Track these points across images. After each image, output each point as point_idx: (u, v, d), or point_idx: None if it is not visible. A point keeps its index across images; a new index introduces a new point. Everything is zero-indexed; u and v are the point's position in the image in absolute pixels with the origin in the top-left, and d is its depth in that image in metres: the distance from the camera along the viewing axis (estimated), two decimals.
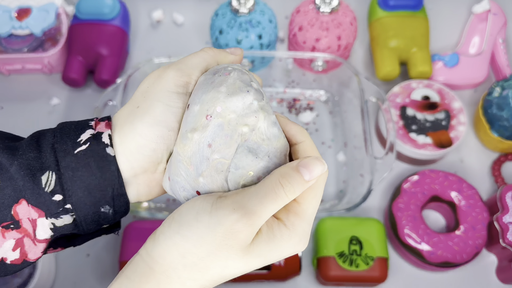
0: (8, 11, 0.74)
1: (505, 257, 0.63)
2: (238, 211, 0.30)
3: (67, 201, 0.33)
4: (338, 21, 0.71)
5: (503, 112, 0.67)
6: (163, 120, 0.33)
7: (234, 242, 0.30)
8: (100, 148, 0.33)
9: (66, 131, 0.34)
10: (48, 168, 0.33)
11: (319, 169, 0.31)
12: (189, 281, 0.31)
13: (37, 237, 0.33)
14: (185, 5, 0.84)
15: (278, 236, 0.31)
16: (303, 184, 0.31)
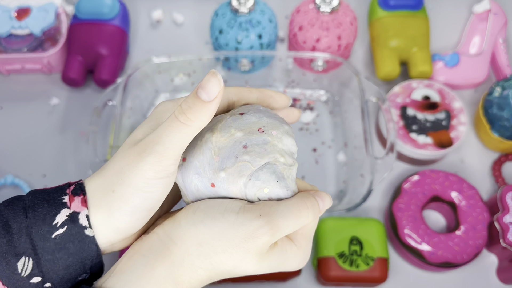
0: (8, 11, 0.74)
1: (505, 257, 0.63)
2: (263, 218, 0.31)
3: (47, 281, 0.32)
4: (338, 21, 0.71)
5: (504, 112, 0.67)
6: (142, 207, 0.32)
7: (252, 246, 0.31)
8: (79, 231, 0.32)
9: (38, 211, 0.32)
10: (23, 254, 0.31)
11: (329, 202, 0.35)
12: (200, 270, 0.32)
13: None
14: (185, 5, 0.84)
15: (289, 252, 0.33)
16: (319, 212, 0.34)
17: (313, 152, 0.72)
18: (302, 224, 0.33)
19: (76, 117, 0.74)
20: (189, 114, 0.30)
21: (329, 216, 0.63)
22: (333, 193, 0.69)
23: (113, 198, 0.32)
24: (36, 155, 0.71)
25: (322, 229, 0.62)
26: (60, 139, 0.73)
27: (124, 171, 0.32)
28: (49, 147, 0.72)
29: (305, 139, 0.73)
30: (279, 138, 0.34)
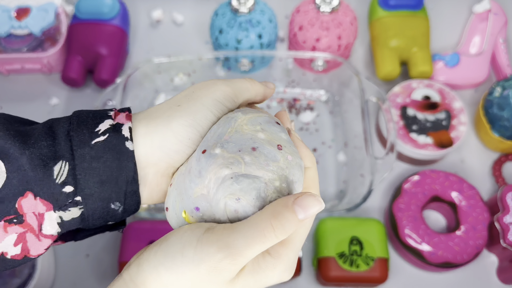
0: (8, 11, 0.74)
1: (505, 257, 0.63)
2: (222, 251, 0.28)
3: (78, 193, 0.31)
4: (339, 20, 0.71)
5: (504, 112, 0.67)
6: (201, 125, 0.32)
7: (218, 279, 0.29)
8: (119, 141, 0.31)
9: (83, 119, 0.32)
10: (61, 158, 0.31)
11: (315, 208, 0.29)
12: None
13: (43, 231, 0.32)
14: (184, 5, 0.84)
15: (263, 267, 0.30)
16: (296, 224, 0.29)
17: (313, 152, 0.72)
18: (272, 243, 0.29)
19: None
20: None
21: (329, 216, 0.63)
22: (333, 193, 0.69)
23: (176, 110, 0.32)
24: None
25: (322, 229, 0.62)
26: None
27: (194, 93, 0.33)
28: None
29: (305, 139, 0.73)
30: (290, 165, 0.31)
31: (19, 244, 0.31)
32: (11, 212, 0.31)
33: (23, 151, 0.31)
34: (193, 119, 0.32)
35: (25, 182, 0.31)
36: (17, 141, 0.31)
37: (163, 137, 0.32)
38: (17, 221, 0.31)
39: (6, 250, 0.31)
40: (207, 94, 0.33)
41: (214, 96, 0.33)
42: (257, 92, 0.35)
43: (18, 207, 0.31)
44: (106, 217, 0.33)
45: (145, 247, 0.32)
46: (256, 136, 0.32)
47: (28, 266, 0.60)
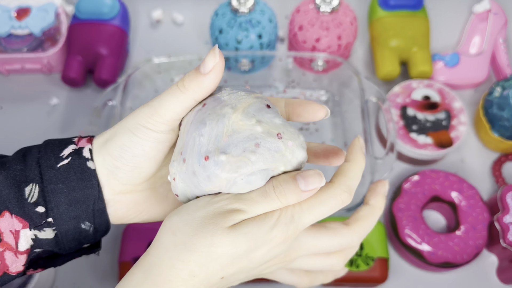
0: (8, 11, 0.74)
1: (505, 257, 0.63)
2: (231, 198, 0.31)
3: (49, 214, 0.34)
4: (339, 20, 0.71)
5: (504, 112, 0.67)
6: (130, 149, 0.34)
7: (221, 220, 0.31)
8: (81, 162, 0.34)
9: (50, 147, 0.35)
10: (32, 181, 0.34)
11: (316, 182, 0.32)
12: (179, 263, 0.31)
13: (19, 249, 0.34)
14: (185, 5, 0.84)
15: (269, 216, 0.32)
16: (297, 193, 0.32)
17: None
18: (275, 204, 0.31)
19: (76, 117, 0.74)
20: (185, 82, 0.32)
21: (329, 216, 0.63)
22: None
23: (109, 135, 0.35)
24: None
25: None
26: None
27: (123, 119, 0.35)
28: None
29: (305, 139, 0.72)
30: (292, 150, 0.33)
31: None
32: None
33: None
34: (121, 144, 0.34)
35: (2, 202, 0.33)
36: None
37: (110, 163, 0.35)
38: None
39: None
40: (132, 117, 0.35)
41: (136, 120, 0.34)
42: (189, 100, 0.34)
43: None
44: (79, 238, 0.35)
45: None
46: (255, 131, 0.32)
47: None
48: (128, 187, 0.36)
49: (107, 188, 0.35)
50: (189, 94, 0.33)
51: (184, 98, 0.33)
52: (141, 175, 0.35)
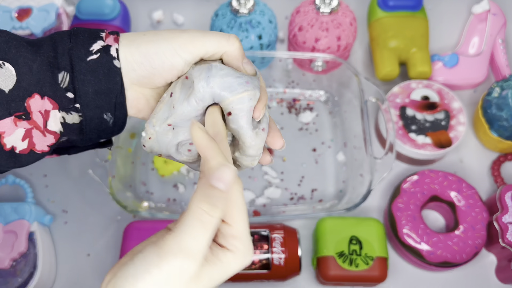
0: (9, 12, 0.74)
1: (504, 257, 0.63)
2: (180, 257, 0.30)
3: (77, 100, 0.37)
4: (338, 21, 0.72)
5: (503, 112, 0.67)
6: (151, 57, 0.38)
7: (186, 277, 0.31)
8: (108, 60, 0.37)
9: (80, 38, 0.38)
10: (64, 69, 0.37)
11: (229, 174, 0.31)
12: None
13: (48, 127, 0.37)
14: (185, 6, 0.85)
15: (225, 261, 0.32)
16: (223, 197, 0.31)
17: (312, 152, 0.72)
18: (214, 225, 0.31)
19: None
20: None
21: (329, 216, 0.63)
22: (333, 193, 0.70)
23: (142, 38, 0.38)
24: None
25: (321, 229, 0.63)
26: None
27: (159, 31, 0.39)
28: None
29: (305, 139, 0.73)
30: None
31: (26, 139, 0.37)
32: (21, 109, 0.36)
33: (36, 57, 0.36)
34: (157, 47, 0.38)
35: (33, 85, 0.36)
36: (30, 50, 0.37)
37: (138, 57, 0.38)
38: (25, 117, 0.36)
39: (16, 144, 0.36)
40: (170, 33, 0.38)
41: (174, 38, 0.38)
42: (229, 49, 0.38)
43: (26, 105, 0.36)
44: (99, 128, 0.39)
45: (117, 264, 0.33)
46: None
47: (29, 265, 0.61)
48: (141, 87, 0.39)
49: (126, 82, 0.38)
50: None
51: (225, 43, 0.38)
52: (152, 84, 0.39)
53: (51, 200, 0.69)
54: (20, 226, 0.62)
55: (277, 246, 0.61)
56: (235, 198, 0.32)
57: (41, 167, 0.71)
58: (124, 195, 0.65)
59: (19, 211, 0.63)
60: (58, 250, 0.66)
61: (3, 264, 0.60)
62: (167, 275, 0.30)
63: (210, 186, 0.31)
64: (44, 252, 0.62)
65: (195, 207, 0.31)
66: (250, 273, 0.61)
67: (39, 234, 0.62)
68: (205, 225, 0.30)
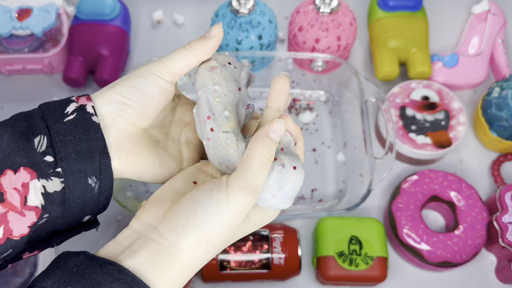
0: (9, 12, 0.74)
1: (504, 256, 0.63)
2: (247, 193, 0.35)
3: (58, 164, 0.34)
4: (338, 21, 0.72)
5: (502, 112, 0.67)
6: (138, 86, 0.37)
7: (245, 214, 0.35)
8: (86, 117, 0.36)
9: (51, 106, 0.37)
10: (40, 133, 0.35)
11: (282, 127, 0.37)
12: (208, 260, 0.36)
13: (28, 203, 0.34)
14: (185, 6, 0.85)
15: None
16: (275, 145, 0.36)
17: (312, 152, 0.72)
18: (269, 166, 0.36)
19: None
20: (192, 44, 0.39)
21: (329, 215, 0.64)
22: (333, 193, 0.70)
23: (113, 84, 0.38)
24: None
25: (321, 229, 0.63)
26: None
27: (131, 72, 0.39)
28: None
29: (305, 139, 0.73)
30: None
31: (1, 226, 0.33)
32: None
33: (3, 130, 0.35)
34: (130, 83, 0.38)
35: (3, 161, 0.33)
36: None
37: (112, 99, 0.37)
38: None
39: None
40: (142, 69, 0.39)
41: (146, 69, 0.38)
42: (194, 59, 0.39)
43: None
44: (83, 198, 0.36)
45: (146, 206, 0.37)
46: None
47: (30, 265, 0.61)
48: (134, 127, 0.38)
49: (112, 128, 0.37)
50: (195, 51, 0.39)
51: (190, 56, 0.39)
52: (147, 115, 0.38)
53: None
54: None
55: (277, 246, 0.61)
56: None
57: None
58: (124, 195, 0.65)
59: None
60: (58, 251, 0.66)
61: None
62: (234, 211, 0.34)
63: (267, 136, 0.36)
64: (44, 252, 0.62)
65: (257, 153, 0.35)
66: (250, 273, 0.61)
67: None
68: (265, 167, 0.35)
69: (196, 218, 0.34)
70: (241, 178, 0.35)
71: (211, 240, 0.35)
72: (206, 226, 0.34)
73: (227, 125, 0.38)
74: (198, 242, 0.35)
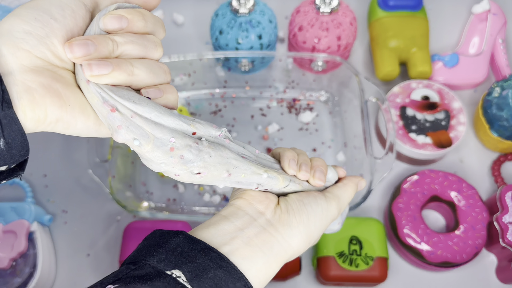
0: (9, 11, 0.74)
1: (504, 257, 0.63)
2: (338, 204, 0.42)
3: None
4: (338, 21, 0.72)
5: (503, 112, 0.67)
6: (47, 9, 0.32)
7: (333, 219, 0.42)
8: None
9: None
10: None
11: (363, 185, 0.46)
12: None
13: None
14: (185, 6, 0.85)
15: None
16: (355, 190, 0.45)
17: (312, 152, 0.72)
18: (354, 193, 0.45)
19: None
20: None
21: None
22: None
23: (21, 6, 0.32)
24: (37, 155, 0.72)
25: None
26: (61, 139, 0.73)
27: None
28: (50, 147, 0.72)
29: (305, 139, 0.73)
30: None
31: None
32: None
33: None
34: (37, 4, 0.32)
35: None
36: None
37: (11, 25, 0.31)
38: None
39: None
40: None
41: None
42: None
43: None
44: None
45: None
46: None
47: (29, 265, 0.61)
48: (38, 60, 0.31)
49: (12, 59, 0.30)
50: None
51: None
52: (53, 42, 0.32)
53: (51, 200, 0.69)
54: (20, 226, 0.62)
55: None
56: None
57: (41, 167, 0.71)
58: (124, 195, 0.65)
59: (19, 211, 0.63)
60: (58, 250, 0.66)
61: (2, 264, 0.59)
62: (331, 216, 0.41)
63: (355, 183, 0.45)
64: (44, 252, 0.62)
65: (351, 183, 0.45)
66: None
67: (39, 234, 0.62)
68: (353, 189, 0.45)
69: (309, 218, 0.39)
70: (337, 192, 0.43)
71: (312, 239, 0.40)
72: (313, 226, 0.39)
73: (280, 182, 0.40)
74: (304, 240, 0.39)
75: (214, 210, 0.68)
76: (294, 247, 0.38)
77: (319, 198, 0.41)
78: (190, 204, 0.69)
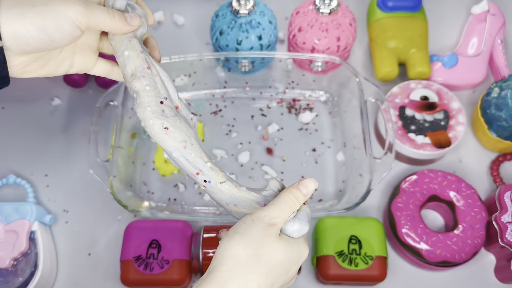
0: None
1: (503, 256, 0.63)
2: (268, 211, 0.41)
3: None
4: (338, 22, 0.72)
5: (502, 112, 0.67)
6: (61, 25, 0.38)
7: (271, 232, 0.40)
8: None
9: None
10: None
11: (313, 186, 0.43)
12: (251, 275, 0.38)
13: None
14: (185, 6, 0.85)
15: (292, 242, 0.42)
16: (303, 196, 0.43)
17: (312, 152, 0.72)
18: (293, 209, 0.42)
19: (77, 117, 0.75)
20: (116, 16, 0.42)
21: (328, 215, 0.64)
22: (332, 193, 0.70)
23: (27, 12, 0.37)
24: (38, 155, 0.72)
25: (321, 228, 0.63)
26: (62, 139, 0.73)
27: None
28: (51, 147, 0.73)
29: (305, 139, 0.73)
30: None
31: None
32: None
33: None
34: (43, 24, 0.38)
35: None
36: None
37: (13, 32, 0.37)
38: None
39: None
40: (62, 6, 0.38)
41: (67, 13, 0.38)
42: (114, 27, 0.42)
43: None
44: None
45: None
46: None
47: (30, 265, 0.61)
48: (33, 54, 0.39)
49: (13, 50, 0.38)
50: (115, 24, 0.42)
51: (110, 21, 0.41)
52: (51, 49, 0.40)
53: (52, 200, 0.69)
54: (21, 225, 0.62)
55: None
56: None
57: (42, 167, 0.71)
58: (125, 195, 0.65)
59: (20, 211, 0.63)
60: (59, 249, 0.66)
61: (4, 264, 0.60)
62: (256, 235, 0.39)
63: (297, 188, 0.43)
64: (45, 252, 0.62)
65: (286, 195, 0.42)
66: None
67: (40, 233, 0.63)
68: (290, 206, 0.42)
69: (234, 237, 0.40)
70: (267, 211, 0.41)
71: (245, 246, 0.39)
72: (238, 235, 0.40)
73: (219, 176, 0.43)
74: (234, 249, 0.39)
75: (214, 210, 0.68)
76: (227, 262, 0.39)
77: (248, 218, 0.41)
78: (191, 204, 0.69)
